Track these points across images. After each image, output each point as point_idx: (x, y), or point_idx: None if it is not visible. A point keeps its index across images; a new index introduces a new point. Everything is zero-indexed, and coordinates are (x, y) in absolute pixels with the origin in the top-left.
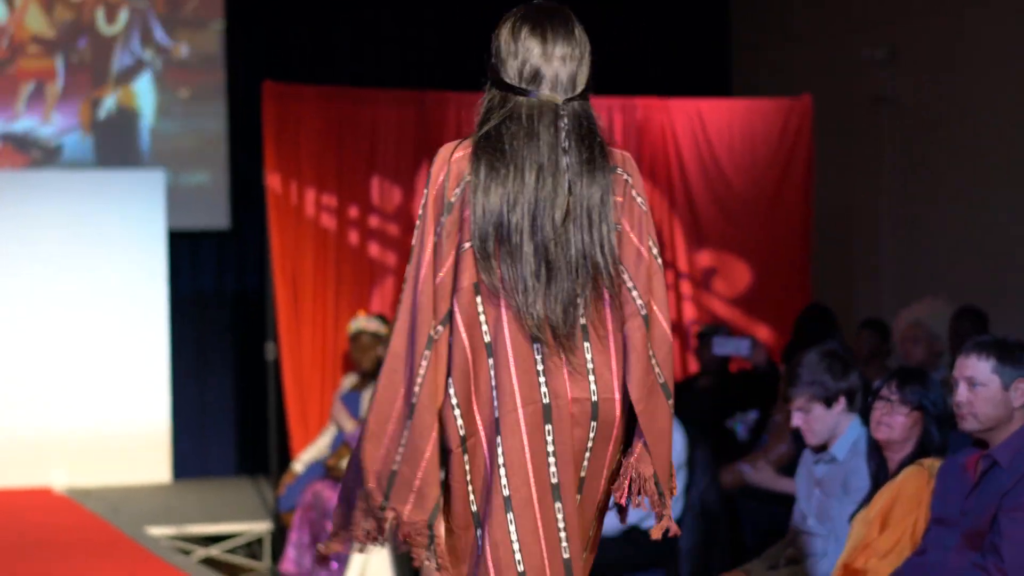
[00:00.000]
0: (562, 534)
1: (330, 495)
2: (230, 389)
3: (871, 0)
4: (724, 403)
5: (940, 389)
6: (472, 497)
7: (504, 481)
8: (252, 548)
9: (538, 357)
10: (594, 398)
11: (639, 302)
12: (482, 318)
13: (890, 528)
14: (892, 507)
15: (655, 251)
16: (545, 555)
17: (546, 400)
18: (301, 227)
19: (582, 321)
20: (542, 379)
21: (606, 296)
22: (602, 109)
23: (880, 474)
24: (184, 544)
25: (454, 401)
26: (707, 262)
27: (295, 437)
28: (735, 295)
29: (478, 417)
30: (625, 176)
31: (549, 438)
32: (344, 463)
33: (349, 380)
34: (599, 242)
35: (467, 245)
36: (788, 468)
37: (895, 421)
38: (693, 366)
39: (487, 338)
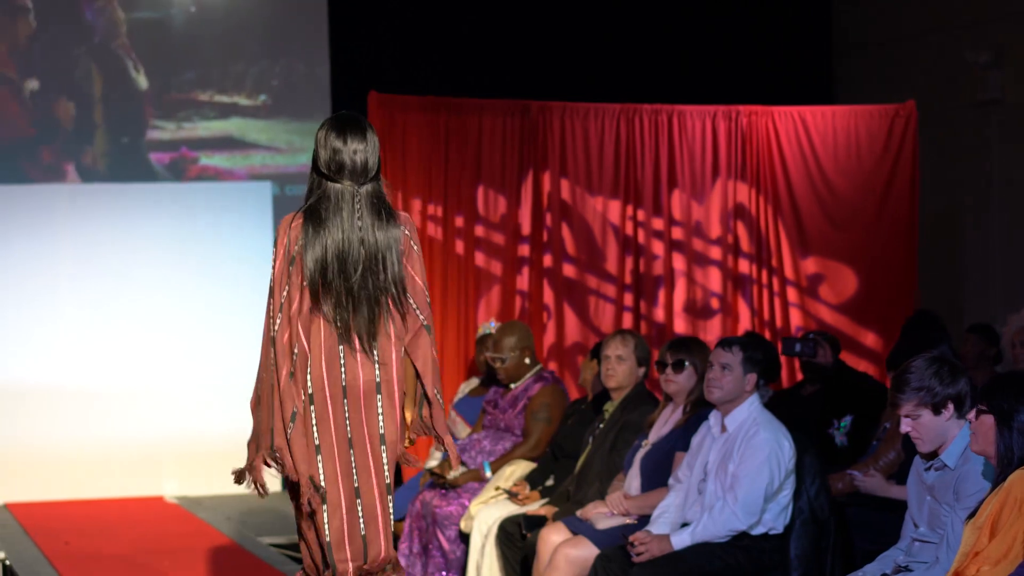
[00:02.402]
0: (354, 472)
1: (439, 503)
2: None
3: (975, 3)
4: (825, 409)
5: None
6: (314, 440)
7: (315, 433)
8: None
9: (342, 355)
10: (378, 378)
11: (421, 317)
12: (313, 330)
13: (1000, 535)
14: (1000, 513)
15: (425, 282)
16: (339, 482)
17: (344, 383)
18: None
19: (374, 329)
20: (343, 369)
21: (395, 314)
22: (706, 117)
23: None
24: (295, 553)
25: (295, 382)
26: (813, 269)
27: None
28: (841, 302)
29: (312, 388)
30: (406, 231)
31: (346, 404)
32: (456, 473)
33: (467, 386)
34: (392, 278)
35: (304, 284)
36: (898, 475)
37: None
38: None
39: (314, 343)
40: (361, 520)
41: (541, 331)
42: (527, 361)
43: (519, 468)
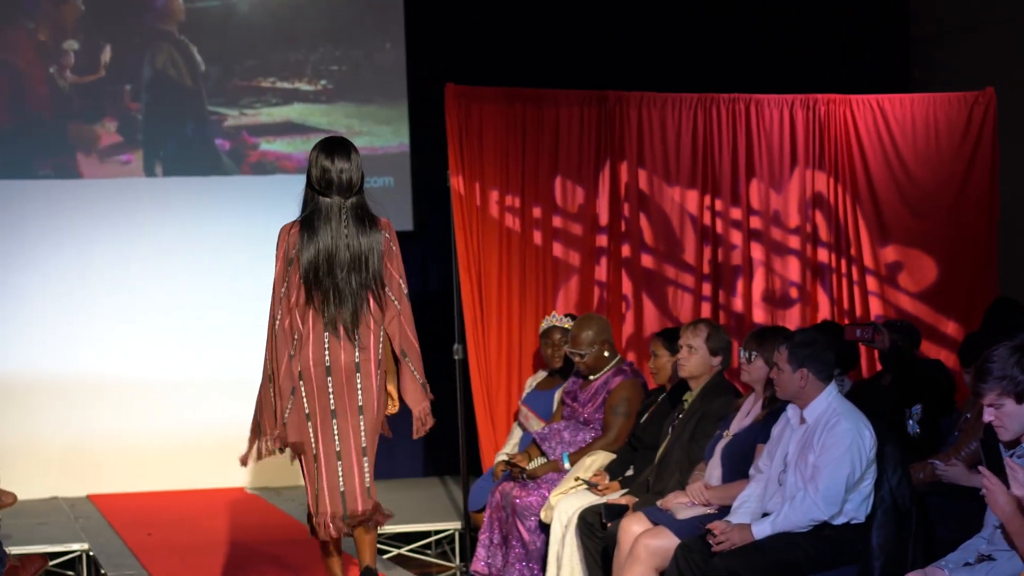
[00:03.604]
0: (336, 438)
1: (519, 494)
2: None
3: None
4: (897, 399)
5: None
6: (305, 410)
7: (305, 404)
8: (442, 548)
9: (326, 340)
10: (357, 359)
11: (397, 306)
12: (307, 318)
13: None
14: None
15: (403, 274)
16: (322, 445)
17: (327, 363)
18: (485, 228)
19: (361, 319)
20: (327, 352)
21: (372, 305)
22: (783, 106)
23: None
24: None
25: (294, 362)
26: (892, 257)
27: (483, 437)
28: (921, 290)
29: (305, 368)
30: (386, 235)
31: (330, 381)
32: (534, 464)
33: (534, 380)
34: (372, 275)
35: (299, 280)
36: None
37: None
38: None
39: (305, 330)
40: (340, 478)
41: (620, 322)
42: (606, 354)
43: (599, 458)
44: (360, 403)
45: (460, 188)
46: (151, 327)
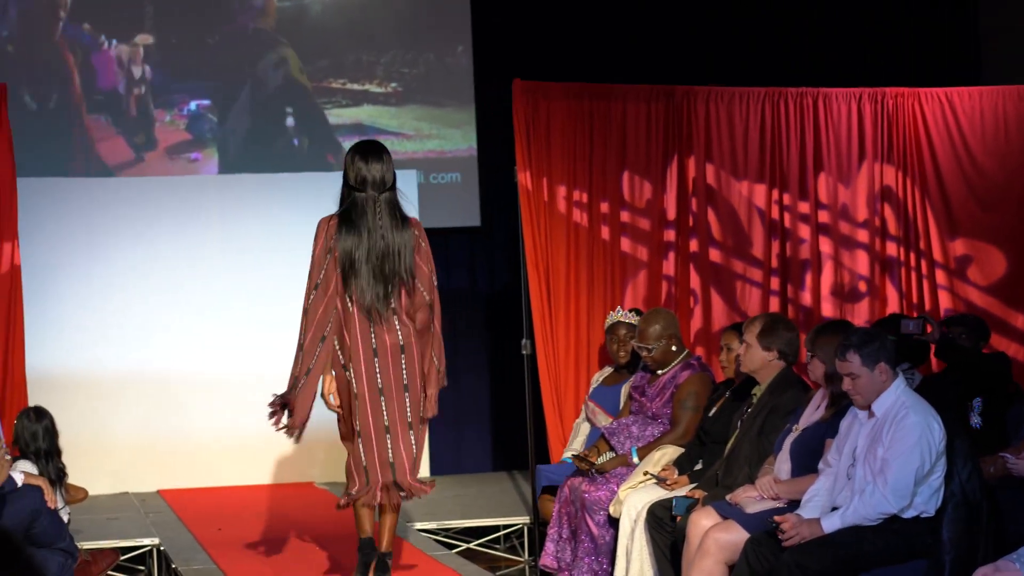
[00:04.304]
0: (384, 412)
1: (587, 489)
2: (484, 385)
3: None
4: (961, 392)
5: None
6: (354, 390)
7: (355, 385)
8: (511, 542)
9: (370, 323)
10: (401, 342)
11: (426, 296)
12: (347, 304)
13: None
14: None
15: (433, 269)
16: (371, 421)
17: (374, 345)
18: (553, 223)
19: (393, 306)
20: (372, 334)
21: (404, 293)
22: (851, 99)
23: None
24: (444, 538)
25: (337, 345)
26: (961, 250)
27: (551, 432)
28: (990, 283)
29: (349, 353)
30: (416, 232)
31: (376, 362)
32: (603, 459)
33: (600, 376)
34: (404, 266)
35: (337, 269)
36: None
37: None
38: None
39: (348, 315)
40: (389, 450)
41: (687, 316)
42: (674, 348)
43: (667, 453)
44: (405, 381)
45: (528, 184)
46: (223, 323)
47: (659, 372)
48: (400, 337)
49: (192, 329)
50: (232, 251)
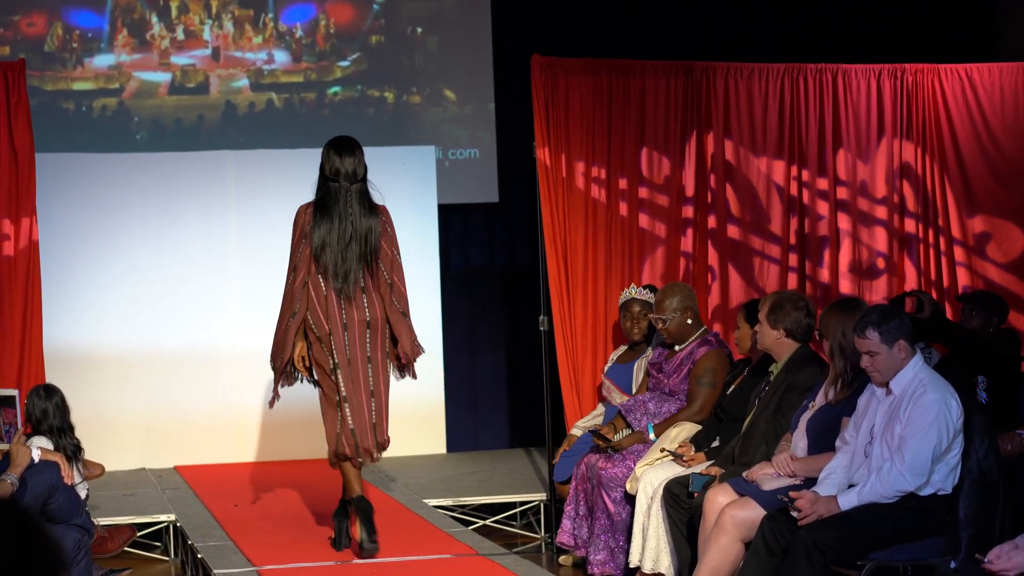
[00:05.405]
0: (360, 377)
1: (604, 466)
2: (501, 362)
3: None
4: (969, 369)
5: None
6: (332, 361)
7: (334, 356)
8: (528, 519)
9: (340, 300)
10: (367, 318)
11: (387, 278)
12: (319, 283)
13: None
14: None
15: (399, 254)
16: (351, 388)
17: (344, 320)
18: (571, 199)
19: (361, 284)
20: (343, 310)
21: (367, 275)
22: (870, 76)
23: None
24: (460, 515)
25: (313, 321)
26: (980, 227)
27: (568, 409)
28: (1009, 260)
29: (324, 327)
30: (383, 219)
31: (346, 336)
32: (619, 436)
33: (616, 353)
34: (370, 250)
35: (311, 253)
36: None
37: None
38: None
39: (322, 295)
40: (372, 413)
41: (705, 293)
42: (690, 322)
43: (684, 430)
44: (368, 354)
45: (546, 160)
46: (242, 298)
47: (676, 348)
48: (368, 314)
49: (211, 304)
50: (252, 225)
